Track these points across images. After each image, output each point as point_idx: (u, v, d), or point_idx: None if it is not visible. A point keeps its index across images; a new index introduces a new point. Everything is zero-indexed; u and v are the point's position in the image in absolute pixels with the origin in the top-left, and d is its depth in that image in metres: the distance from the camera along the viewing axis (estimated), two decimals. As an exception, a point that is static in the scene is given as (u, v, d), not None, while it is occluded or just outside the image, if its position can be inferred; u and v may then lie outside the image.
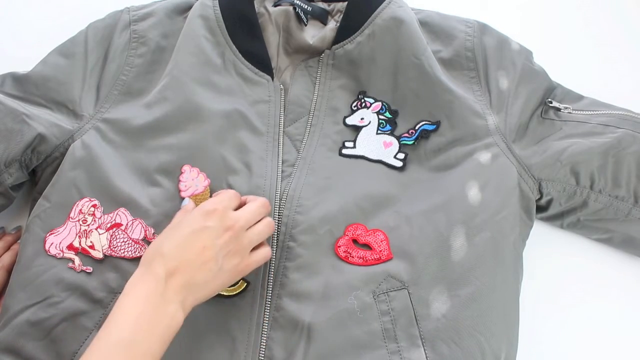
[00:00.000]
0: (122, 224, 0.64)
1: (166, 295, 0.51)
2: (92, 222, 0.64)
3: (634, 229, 0.68)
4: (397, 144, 0.70)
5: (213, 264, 0.54)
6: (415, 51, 0.71)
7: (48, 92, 0.71)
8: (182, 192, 0.65)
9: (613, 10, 0.89)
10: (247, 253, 0.58)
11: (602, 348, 0.67)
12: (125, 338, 0.48)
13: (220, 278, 0.56)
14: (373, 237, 0.64)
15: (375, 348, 0.58)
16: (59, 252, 0.63)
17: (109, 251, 0.63)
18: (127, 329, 0.48)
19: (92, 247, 0.63)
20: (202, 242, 0.54)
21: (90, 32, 0.74)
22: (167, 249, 0.54)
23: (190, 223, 0.56)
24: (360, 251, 0.63)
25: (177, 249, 0.54)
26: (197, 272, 0.54)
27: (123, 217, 0.64)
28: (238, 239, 0.57)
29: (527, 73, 0.73)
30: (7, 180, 0.65)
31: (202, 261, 0.54)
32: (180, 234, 0.55)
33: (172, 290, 0.52)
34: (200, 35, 0.73)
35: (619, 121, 0.69)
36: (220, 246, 0.55)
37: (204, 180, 0.66)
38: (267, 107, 0.71)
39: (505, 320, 0.62)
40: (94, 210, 0.64)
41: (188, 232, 0.55)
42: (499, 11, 0.88)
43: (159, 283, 0.51)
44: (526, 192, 0.67)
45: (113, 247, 0.63)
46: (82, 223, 0.64)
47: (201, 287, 0.54)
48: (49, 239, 0.63)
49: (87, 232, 0.63)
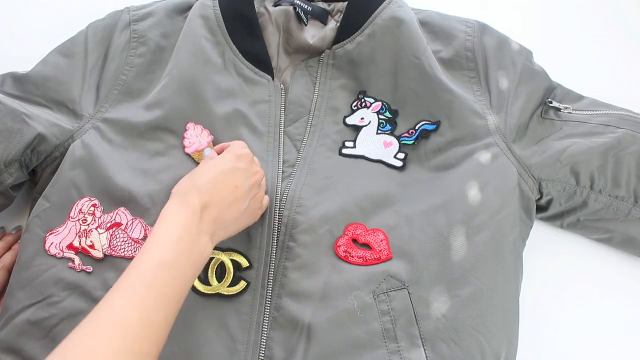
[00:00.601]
0: (122, 224, 0.64)
1: (201, 227, 0.53)
2: (92, 222, 0.64)
3: (633, 229, 0.68)
4: (397, 144, 0.70)
5: (241, 203, 0.58)
6: (415, 51, 0.71)
7: (48, 92, 0.71)
8: (186, 148, 0.67)
9: (613, 10, 0.89)
10: (262, 200, 0.62)
11: (602, 348, 0.67)
12: (168, 260, 0.49)
13: (244, 218, 0.60)
14: (373, 236, 0.64)
15: (375, 348, 0.58)
16: (59, 251, 0.63)
17: (109, 250, 0.63)
18: (170, 251, 0.50)
19: (92, 246, 0.63)
20: (234, 181, 0.57)
21: (90, 32, 0.75)
22: (201, 183, 0.56)
23: (223, 162, 0.59)
24: (360, 251, 0.63)
25: (211, 185, 0.56)
26: (228, 208, 0.56)
27: (123, 217, 0.64)
28: (260, 186, 0.61)
29: (527, 73, 0.73)
30: (7, 180, 0.65)
31: (233, 198, 0.57)
32: (214, 170, 0.58)
33: (205, 222, 0.54)
34: (201, 35, 0.73)
35: (619, 121, 0.69)
36: (250, 187, 0.59)
37: (207, 136, 0.67)
38: (268, 107, 0.71)
39: (505, 320, 0.62)
40: (93, 209, 0.64)
41: (222, 170, 0.58)
42: (499, 11, 0.88)
43: (195, 214, 0.53)
44: (526, 192, 0.67)
45: (113, 247, 0.63)
46: (82, 222, 0.64)
47: (229, 223, 0.57)
48: (49, 238, 0.63)
49: (87, 232, 0.63)
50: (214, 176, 0.57)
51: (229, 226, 0.58)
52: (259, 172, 0.62)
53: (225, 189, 0.57)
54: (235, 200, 0.57)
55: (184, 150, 0.67)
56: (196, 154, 0.66)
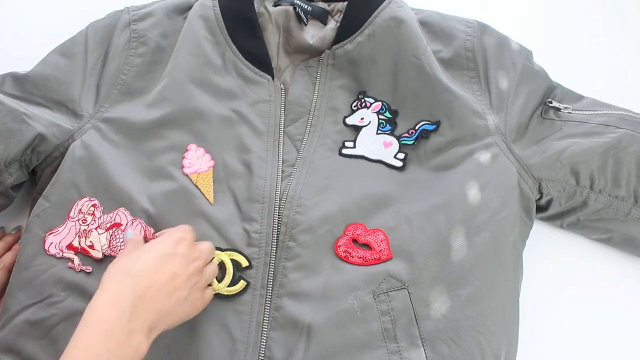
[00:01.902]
0: (122, 224, 0.64)
1: (132, 325, 0.47)
2: (92, 222, 0.64)
3: (633, 229, 0.68)
4: (397, 144, 0.70)
5: (181, 292, 0.52)
6: (415, 51, 0.71)
7: (48, 92, 0.71)
8: (185, 168, 0.66)
9: (613, 10, 0.89)
10: (204, 289, 0.58)
11: (602, 348, 0.67)
12: None
13: (183, 310, 0.54)
14: (373, 236, 0.64)
15: (375, 348, 0.58)
16: (59, 251, 0.63)
17: (109, 251, 0.63)
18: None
19: (91, 247, 0.63)
20: (172, 268, 0.52)
21: (90, 32, 0.74)
22: (136, 270, 0.50)
23: (160, 246, 0.54)
24: (360, 251, 0.63)
25: (147, 272, 0.51)
26: (167, 298, 0.51)
27: (123, 217, 0.64)
28: (201, 273, 0.56)
29: (527, 73, 0.73)
30: (7, 180, 0.65)
31: (172, 287, 0.51)
32: (150, 254, 0.52)
33: (139, 316, 0.48)
34: (201, 36, 0.73)
35: (618, 121, 0.69)
36: (189, 275, 0.53)
37: (209, 160, 0.66)
38: (268, 106, 0.71)
39: (505, 320, 0.62)
40: (93, 210, 0.64)
41: (158, 254, 0.52)
42: (499, 11, 0.88)
43: (124, 314, 0.47)
44: (526, 192, 0.67)
45: (113, 247, 0.63)
46: (82, 223, 0.64)
47: (167, 316, 0.51)
48: (49, 238, 0.63)
49: (87, 232, 0.63)
50: (149, 260, 0.52)
51: (167, 318, 0.51)
52: (199, 257, 0.56)
53: (163, 276, 0.51)
54: (174, 290, 0.51)
55: (182, 170, 0.66)
56: (194, 176, 0.66)
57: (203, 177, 0.66)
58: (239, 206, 0.65)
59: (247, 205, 0.65)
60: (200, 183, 0.66)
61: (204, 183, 0.66)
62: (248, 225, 0.64)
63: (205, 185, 0.66)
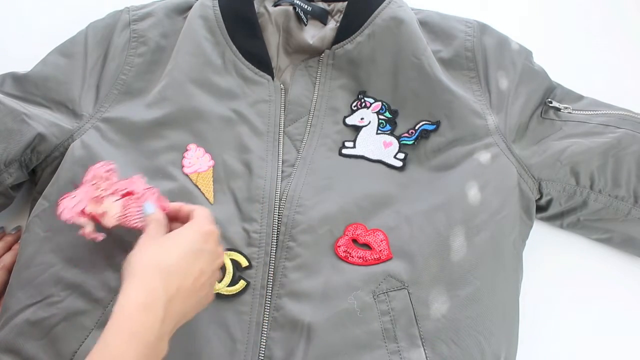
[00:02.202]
0: (137, 192, 0.60)
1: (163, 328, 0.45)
2: (107, 188, 0.60)
3: (633, 229, 0.68)
4: (397, 144, 0.70)
5: (202, 291, 0.51)
6: (415, 51, 0.71)
7: (48, 92, 0.71)
8: (185, 167, 0.65)
9: (613, 10, 0.89)
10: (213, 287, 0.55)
11: (602, 348, 0.67)
12: None
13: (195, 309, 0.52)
14: (373, 236, 0.63)
15: (375, 348, 0.58)
16: (71, 216, 0.58)
17: (121, 219, 0.58)
18: None
19: (104, 214, 0.58)
20: (200, 266, 0.50)
21: (90, 32, 0.75)
22: (167, 267, 0.48)
23: (191, 241, 0.51)
24: (360, 251, 0.63)
25: (178, 270, 0.48)
26: (191, 299, 0.49)
27: (138, 184, 0.60)
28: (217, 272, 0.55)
29: (527, 73, 0.73)
30: (7, 180, 0.65)
31: (197, 287, 0.50)
32: (181, 251, 0.50)
33: (169, 320, 0.46)
34: (201, 36, 0.73)
35: (618, 121, 0.69)
36: (212, 273, 0.52)
37: (209, 160, 0.66)
38: (268, 106, 0.71)
39: (505, 320, 0.62)
40: (109, 174, 0.60)
41: (190, 252, 0.50)
42: (499, 11, 0.88)
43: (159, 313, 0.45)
44: (526, 192, 0.67)
45: (125, 216, 0.58)
46: (96, 188, 0.60)
47: (186, 316, 0.50)
48: (62, 203, 0.58)
49: (100, 198, 0.59)
50: (180, 257, 0.49)
51: (187, 316, 0.50)
52: (222, 254, 0.55)
53: (192, 275, 0.49)
54: (199, 289, 0.50)
55: (182, 170, 0.66)
56: (194, 176, 0.65)
57: (203, 177, 0.66)
58: (239, 206, 0.65)
59: (247, 205, 0.65)
60: (200, 183, 0.66)
61: (203, 183, 0.66)
62: (248, 225, 0.64)
63: (205, 184, 0.66)
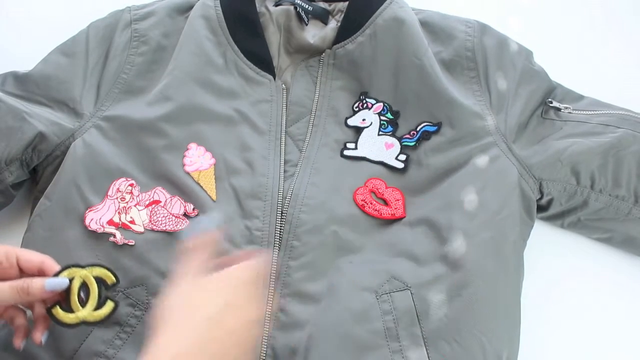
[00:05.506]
0: (161, 201, 0.64)
1: None
2: (131, 200, 0.64)
3: (634, 229, 0.68)
4: (398, 145, 0.70)
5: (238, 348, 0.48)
6: (416, 52, 0.71)
7: (49, 91, 0.70)
8: (186, 166, 0.66)
9: (613, 10, 0.89)
10: None
11: (603, 348, 0.67)
12: None
13: None
14: (391, 194, 0.65)
15: (377, 347, 0.58)
16: (100, 227, 0.62)
17: (150, 225, 0.63)
18: None
19: (132, 222, 0.63)
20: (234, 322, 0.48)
21: (92, 31, 0.74)
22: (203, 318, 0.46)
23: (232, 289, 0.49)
24: (377, 204, 0.64)
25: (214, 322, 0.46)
26: None
27: (161, 195, 0.64)
28: None
29: (527, 73, 0.73)
30: (8, 179, 0.65)
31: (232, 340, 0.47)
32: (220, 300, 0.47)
33: None
34: (202, 36, 0.73)
35: (619, 121, 0.70)
36: None
37: (210, 158, 0.66)
38: (269, 106, 0.71)
39: (507, 320, 0.62)
40: (131, 189, 0.65)
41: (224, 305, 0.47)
42: (499, 11, 0.89)
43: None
44: (527, 192, 0.67)
45: (154, 222, 0.63)
46: (121, 200, 0.64)
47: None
48: (89, 215, 0.63)
49: (126, 209, 0.64)
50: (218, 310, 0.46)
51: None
52: None
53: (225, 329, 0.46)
54: None
55: (183, 168, 0.66)
56: (196, 174, 0.66)
57: (205, 175, 0.66)
58: (240, 203, 0.65)
59: (249, 202, 0.65)
60: (202, 180, 0.66)
61: (205, 180, 0.66)
62: (249, 223, 0.64)
63: (207, 182, 0.66)
